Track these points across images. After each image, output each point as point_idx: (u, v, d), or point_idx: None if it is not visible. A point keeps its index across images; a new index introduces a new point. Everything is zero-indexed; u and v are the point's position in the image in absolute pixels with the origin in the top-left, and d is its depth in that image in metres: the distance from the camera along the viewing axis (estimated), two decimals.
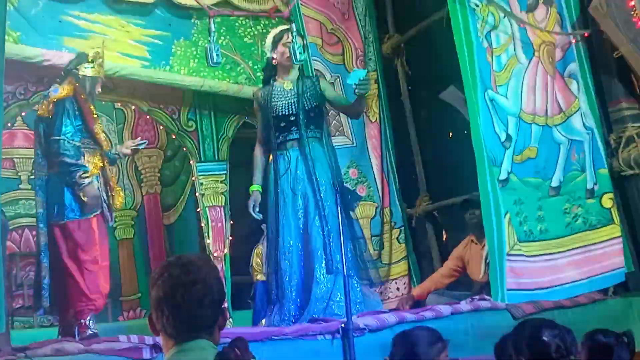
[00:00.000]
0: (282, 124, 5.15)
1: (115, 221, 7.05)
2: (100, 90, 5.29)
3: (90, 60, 5.18)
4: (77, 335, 4.77)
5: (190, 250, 7.16)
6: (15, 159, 7.56)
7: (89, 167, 5.04)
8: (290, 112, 5.14)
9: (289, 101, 5.16)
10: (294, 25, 5.31)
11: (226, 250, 6.55)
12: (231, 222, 6.71)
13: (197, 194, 6.70)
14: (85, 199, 4.94)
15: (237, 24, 6.48)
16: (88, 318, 4.90)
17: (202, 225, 6.65)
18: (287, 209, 5.08)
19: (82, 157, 5.01)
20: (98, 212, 5.08)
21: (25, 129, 7.48)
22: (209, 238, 6.54)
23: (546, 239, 5.38)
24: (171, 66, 6.08)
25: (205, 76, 6.21)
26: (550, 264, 5.34)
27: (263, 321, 5.23)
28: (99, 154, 5.18)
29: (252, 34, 6.55)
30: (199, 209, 6.73)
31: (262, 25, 6.55)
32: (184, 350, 2.06)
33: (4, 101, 4.31)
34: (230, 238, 6.65)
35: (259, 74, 6.29)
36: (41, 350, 3.77)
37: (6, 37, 4.27)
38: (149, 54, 5.98)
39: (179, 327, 2.07)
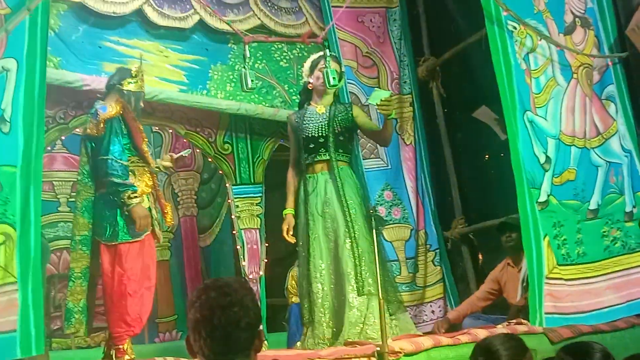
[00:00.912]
0: (311, 145, 5.20)
1: None
2: (142, 105, 5.25)
3: (133, 75, 5.14)
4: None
5: (225, 273, 7.20)
6: (54, 182, 7.67)
7: (137, 186, 4.94)
8: (320, 134, 5.18)
9: (320, 124, 5.20)
10: (327, 51, 5.36)
11: (261, 273, 6.57)
12: (266, 245, 6.73)
13: (232, 217, 6.73)
14: (135, 220, 4.82)
15: (273, 48, 6.53)
16: (126, 343, 4.88)
17: (238, 247, 6.67)
18: (318, 231, 5.09)
19: (129, 177, 4.90)
20: (149, 232, 4.99)
21: (64, 153, 7.60)
22: (244, 260, 6.55)
23: (584, 263, 5.32)
24: (208, 90, 6.14)
25: (241, 100, 6.26)
26: (588, 288, 5.27)
27: (298, 344, 5.23)
28: (148, 171, 5.12)
29: (287, 58, 6.59)
30: (234, 231, 6.77)
31: (297, 49, 6.60)
32: None
33: (44, 125, 4.38)
34: (266, 260, 6.67)
35: (294, 97, 6.34)
36: None
37: (47, 63, 4.34)
38: (186, 78, 6.04)
39: (216, 349, 2.08)
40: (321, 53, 5.34)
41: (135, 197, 4.85)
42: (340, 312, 4.93)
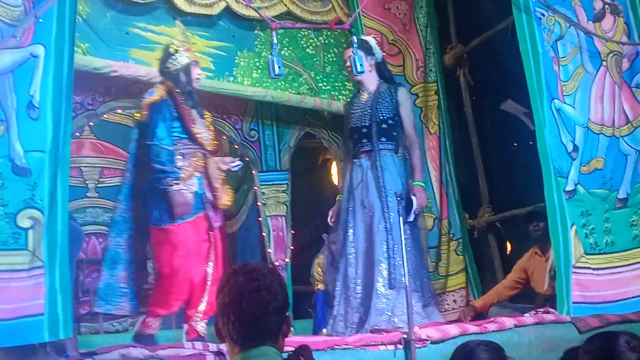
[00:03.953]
0: (356, 136, 5.21)
1: None
2: (200, 72, 5.14)
3: (172, 52, 5.03)
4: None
5: (252, 259, 7.22)
6: (82, 168, 7.70)
7: (186, 169, 4.90)
8: (363, 124, 5.18)
9: (363, 113, 5.19)
10: (354, 37, 5.33)
11: (287, 260, 6.58)
12: (292, 232, 6.74)
13: (259, 204, 6.74)
14: (173, 207, 4.77)
15: (299, 35, 6.53)
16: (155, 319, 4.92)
17: (264, 234, 6.69)
18: (357, 218, 5.12)
19: (174, 163, 4.83)
20: (200, 214, 4.95)
21: (92, 139, 7.64)
22: (270, 247, 6.58)
23: (612, 252, 5.28)
24: (235, 77, 6.15)
25: (267, 87, 6.27)
26: (616, 277, 5.23)
27: (324, 330, 5.24)
28: (200, 153, 5.02)
29: (314, 45, 6.58)
30: (260, 218, 6.78)
31: (324, 36, 6.60)
32: (249, 356, 2.08)
33: (72, 111, 4.40)
34: (292, 247, 6.68)
35: (320, 84, 6.36)
36: (108, 355, 3.84)
37: (75, 49, 4.36)
38: (213, 65, 6.06)
39: (245, 334, 2.09)
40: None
41: (176, 183, 4.79)
42: (368, 299, 4.94)
